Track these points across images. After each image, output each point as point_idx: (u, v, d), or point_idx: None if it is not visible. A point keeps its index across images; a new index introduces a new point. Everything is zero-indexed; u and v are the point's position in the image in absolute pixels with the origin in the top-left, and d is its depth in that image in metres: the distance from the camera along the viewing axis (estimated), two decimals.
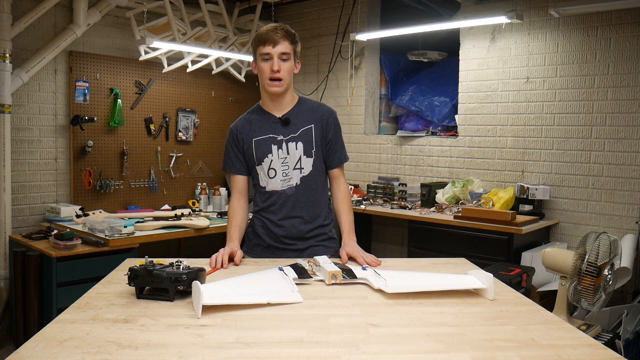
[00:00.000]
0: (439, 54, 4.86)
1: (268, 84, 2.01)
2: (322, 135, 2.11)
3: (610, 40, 3.62)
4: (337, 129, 2.16)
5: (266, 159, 2.08)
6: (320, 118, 2.12)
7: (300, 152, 2.07)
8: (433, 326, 1.31)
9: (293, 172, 2.08)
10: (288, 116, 2.09)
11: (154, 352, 1.13)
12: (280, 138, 2.07)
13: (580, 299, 2.64)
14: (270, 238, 2.13)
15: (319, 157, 2.11)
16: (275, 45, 1.97)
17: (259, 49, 1.99)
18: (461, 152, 4.34)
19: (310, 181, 2.10)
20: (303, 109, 2.12)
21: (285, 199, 2.09)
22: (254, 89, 5.18)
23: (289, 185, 2.08)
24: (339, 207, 2.15)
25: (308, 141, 2.08)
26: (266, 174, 2.09)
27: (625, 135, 3.58)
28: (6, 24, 3.47)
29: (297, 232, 2.11)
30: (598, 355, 1.15)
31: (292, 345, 1.18)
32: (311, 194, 2.11)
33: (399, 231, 4.74)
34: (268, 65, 1.98)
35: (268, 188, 2.10)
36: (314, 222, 2.13)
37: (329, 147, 2.13)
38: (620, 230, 3.60)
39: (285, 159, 2.07)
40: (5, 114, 3.54)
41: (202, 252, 4.77)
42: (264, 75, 2.01)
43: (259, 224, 2.16)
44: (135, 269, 1.48)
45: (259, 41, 1.99)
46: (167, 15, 3.96)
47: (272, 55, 1.97)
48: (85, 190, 4.09)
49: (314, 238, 2.14)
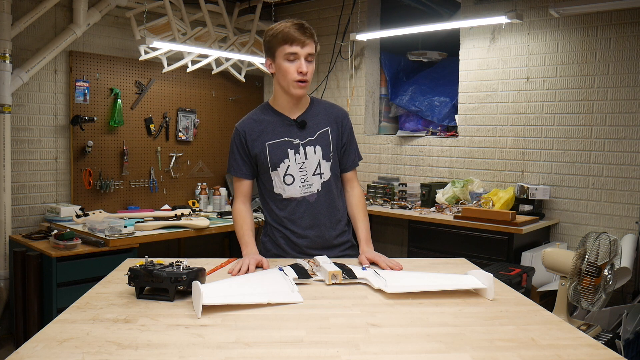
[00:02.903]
0: (439, 54, 4.86)
1: (294, 86, 1.88)
2: (338, 137, 2.02)
3: (610, 40, 3.62)
4: (351, 130, 2.08)
5: (282, 164, 1.95)
6: (335, 120, 2.03)
7: (319, 157, 1.97)
8: (433, 326, 1.31)
9: (313, 177, 1.97)
10: (304, 118, 1.98)
11: (154, 352, 1.13)
12: (296, 142, 1.96)
13: (580, 299, 2.64)
14: (293, 250, 2.02)
15: (335, 161, 2.03)
16: (304, 46, 1.85)
17: (284, 47, 1.85)
18: (461, 152, 4.34)
19: (331, 186, 2.02)
20: (317, 111, 2.02)
21: (307, 207, 1.99)
22: (254, 89, 5.19)
23: (309, 192, 1.98)
24: (355, 213, 2.06)
25: (326, 144, 1.99)
26: (282, 181, 1.97)
27: (625, 135, 3.58)
28: (6, 24, 3.47)
29: (322, 242, 2.02)
30: (598, 355, 1.15)
31: (292, 345, 1.18)
32: (332, 199, 2.03)
33: (399, 231, 4.74)
34: (294, 67, 1.86)
35: (285, 195, 1.98)
36: (336, 229, 2.05)
37: (344, 150, 2.05)
38: (620, 230, 3.60)
39: (303, 164, 1.96)
40: (5, 114, 3.54)
41: (202, 252, 4.78)
42: (289, 76, 1.87)
43: (279, 235, 2.03)
44: (135, 269, 1.48)
45: (284, 40, 1.84)
46: (167, 15, 3.96)
47: (300, 56, 1.85)
48: (85, 190, 4.09)
49: (339, 247, 2.07)
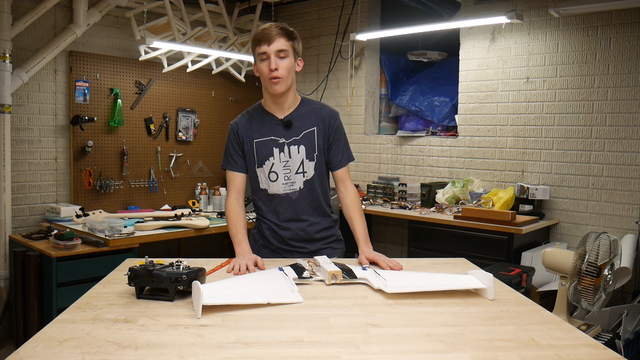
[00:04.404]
0: (439, 54, 4.86)
1: (269, 83, 1.95)
2: (324, 137, 2.07)
3: (610, 40, 3.62)
4: (339, 130, 2.11)
5: (267, 161, 2.04)
6: (322, 120, 2.07)
7: (303, 156, 2.03)
8: (433, 326, 1.31)
9: (296, 176, 2.04)
10: (290, 118, 2.04)
11: (154, 352, 1.13)
12: (282, 141, 2.03)
13: (580, 299, 2.64)
14: (277, 241, 2.11)
15: (320, 161, 2.07)
16: (271, 43, 1.91)
17: (256, 49, 1.95)
18: (461, 152, 4.34)
19: (314, 184, 2.07)
20: (305, 111, 2.07)
21: (290, 203, 2.06)
22: (254, 89, 5.19)
23: (292, 190, 2.05)
24: (351, 214, 2.06)
25: (310, 144, 2.04)
26: (267, 177, 2.05)
27: (625, 135, 3.58)
28: (6, 24, 3.46)
29: (304, 235, 2.09)
30: (598, 355, 1.15)
31: (292, 345, 1.18)
32: (315, 197, 2.08)
33: (399, 231, 4.74)
34: (266, 65, 1.93)
35: (270, 191, 2.07)
36: (320, 224, 2.11)
37: (331, 149, 2.09)
38: (620, 230, 3.60)
39: (287, 162, 2.03)
40: (5, 114, 3.54)
41: (202, 252, 4.78)
42: (263, 75, 1.95)
43: (265, 227, 2.13)
44: (135, 269, 1.48)
45: (255, 41, 1.95)
46: (167, 15, 3.96)
47: (269, 54, 1.91)
48: (85, 190, 4.09)
49: (322, 240, 2.12)
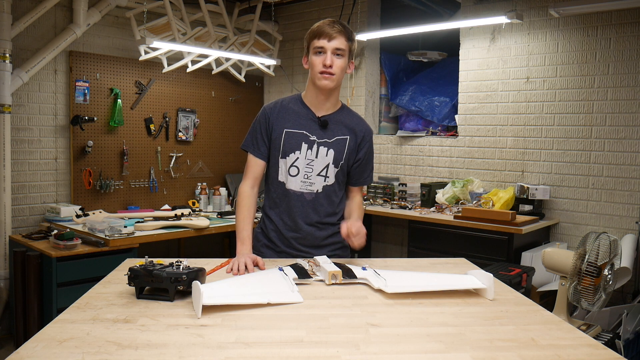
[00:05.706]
0: (439, 54, 4.86)
1: (317, 77, 1.92)
2: (353, 150, 2.03)
3: (610, 40, 3.62)
4: (370, 150, 2.09)
5: (292, 154, 1.99)
6: (357, 133, 2.04)
7: (330, 160, 2.00)
8: (433, 326, 1.31)
9: (316, 177, 2.00)
10: (327, 119, 2.00)
11: (154, 352, 1.13)
12: (312, 138, 1.99)
13: (580, 299, 2.64)
14: (283, 243, 2.06)
15: (343, 171, 2.04)
16: (331, 40, 1.88)
17: (313, 42, 1.91)
18: (461, 152, 4.34)
19: (331, 191, 2.03)
20: (343, 117, 2.04)
21: (304, 203, 2.02)
22: (254, 89, 5.19)
23: (309, 190, 2.01)
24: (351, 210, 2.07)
25: (339, 151, 2.00)
26: (287, 170, 2.00)
27: (625, 135, 3.58)
28: (6, 24, 3.46)
29: (312, 240, 2.05)
30: (598, 355, 1.15)
31: (292, 345, 1.18)
32: (330, 204, 2.05)
33: (399, 231, 4.74)
34: (320, 59, 1.90)
35: (287, 185, 2.02)
36: (328, 230, 2.07)
37: (358, 166, 2.06)
38: (620, 230, 3.60)
39: (311, 162, 1.99)
40: (5, 114, 3.54)
41: (202, 252, 4.78)
42: (314, 68, 1.91)
43: (271, 227, 2.08)
44: (135, 269, 1.48)
45: (313, 34, 1.91)
46: (167, 15, 3.96)
47: (326, 50, 1.89)
48: (85, 190, 4.09)
49: (328, 247, 2.08)
